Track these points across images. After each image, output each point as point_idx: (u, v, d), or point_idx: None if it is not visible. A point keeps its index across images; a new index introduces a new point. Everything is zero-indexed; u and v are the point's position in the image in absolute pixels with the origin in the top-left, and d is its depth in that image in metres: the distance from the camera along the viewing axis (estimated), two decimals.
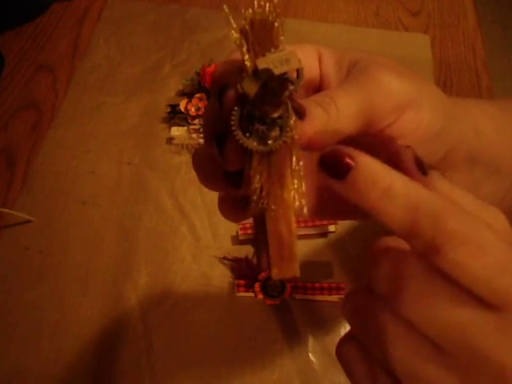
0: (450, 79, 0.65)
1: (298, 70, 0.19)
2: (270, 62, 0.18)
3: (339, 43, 0.66)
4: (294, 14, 0.70)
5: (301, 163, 0.19)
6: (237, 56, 0.19)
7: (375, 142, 0.22)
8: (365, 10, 0.72)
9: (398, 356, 0.18)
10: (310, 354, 0.44)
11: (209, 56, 0.62)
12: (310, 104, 0.21)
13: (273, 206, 0.19)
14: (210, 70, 0.56)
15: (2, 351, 0.43)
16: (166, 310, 0.46)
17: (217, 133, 0.20)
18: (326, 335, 0.45)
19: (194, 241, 0.50)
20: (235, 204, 0.23)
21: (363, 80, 0.22)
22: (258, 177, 0.19)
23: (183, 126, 0.55)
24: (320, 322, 0.45)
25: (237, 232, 0.49)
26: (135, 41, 0.65)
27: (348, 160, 0.19)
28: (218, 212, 0.24)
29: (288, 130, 0.19)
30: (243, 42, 0.18)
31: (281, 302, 0.46)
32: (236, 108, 0.18)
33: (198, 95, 0.55)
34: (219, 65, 0.22)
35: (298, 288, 0.46)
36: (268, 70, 0.18)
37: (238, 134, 0.18)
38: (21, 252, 0.48)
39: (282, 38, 0.19)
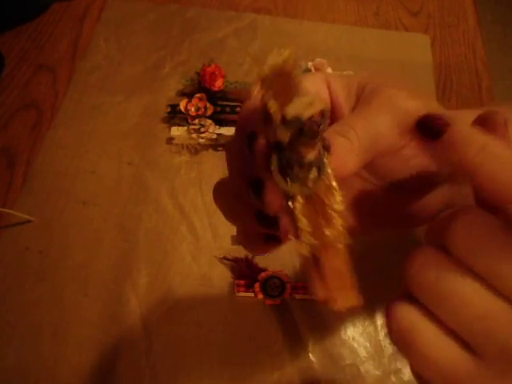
0: (450, 79, 0.65)
1: (322, 111, 0.19)
2: (298, 108, 0.18)
3: (339, 43, 0.67)
4: (294, 14, 0.70)
5: (340, 198, 0.20)
6: (256, 100, 0.20)
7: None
8: (365, 10, 0.72)
9: (476, 315, 0.18)
10: (309, 354, 0.44)
11: (209, 56, 0.61)
12: (331, 135, 0.21)
13: (323, 244, 0.20)
14: (210, 69, 0.56)
15: (2, 351, 0.43)
16: (165, 310, 0.46)
17: (252, 179, 0.21)
18: (326, 335, 0.45)
19: (194, 241, 0.50)
20: (260, 238, 0.24)
21: (377, 103, 0.23)
22: (304, 220, 0.19)
23: (183, 126, 0.55)
24: (320, 322, 0.45)
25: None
26: (135, 41, 0.65)
27: (444, 120, 0.20)
28: (218, 212, 0.25)
29: (325, 168, 0.19)
30: (267, 91, 0.18)
31: (281, 302, 0.46)
32: (274, 156, 0.19)
33: (197, 95, 0.55)
34: (242, 109, 0.22)
35: (298, 288, 0.46)
36: (297, 117, 0.18)
37: (281, 181, 0.19)
38: (21, 252, 0.48)
39: (299, 80, 0.19)
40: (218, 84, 0.56)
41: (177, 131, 0.55)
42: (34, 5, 0.67)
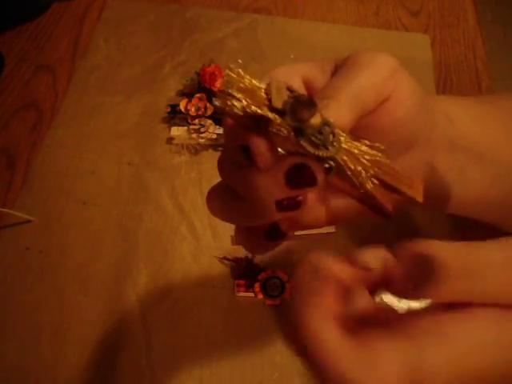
0: (450, 79, 0.65)
1: (288, 87, 0.21)
2: (276, 97, 0.20)
3: (339, 43, 0.66)
4: (293, 14, 0.70)
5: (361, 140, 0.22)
6: (230, 122, 0.22)
7: None
8: (365, 10, 0.72)
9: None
10: None
11: (209, 56, 0.61)
12: (318, 102, 0.22)
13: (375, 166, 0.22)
14: (210, 69, 0.56)
15: (2, 351, 0.43)
16: (165, 310, 0.46)
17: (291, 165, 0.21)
18: None
19: (194, 241, 0.50)
20: (260, 235, 0.25)
21: (352, 63, 0.24)
22: (357, 164, 0.21)
23: (183, 126, 0.55)
24: None
25: None
26: (135, 41, 0.65)
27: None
28: None
29: (333, 126, 0.21)
30: (248, 101, 0.20)
31: (281, 302, 0.46)
32: (301, 140, 0.20)
33: (197, 95, 0.55)
34: (226, 128, 0.23)
35: None
36: (285, 102, 0.20)
37: (320, 151, 0.21)
38: (21, 252, 0.48)
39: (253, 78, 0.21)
40: (218, 84, 0.56)
41: (177, 131, 0.55)
42: (34, 5, 0.67)
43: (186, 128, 0.55)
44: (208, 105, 0.55)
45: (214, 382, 0.43)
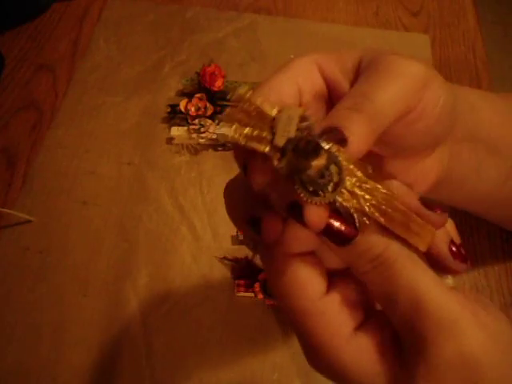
0: (449, 79, 0.65)
1: (302, 116, 0.19)
2: (282, 132, 0.18)
3: (339, 43, 0.66)
4: (293, 14, 0.70)
5: (366, 170, 0.19)
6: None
7: None
8: (365, 10, 0.72)
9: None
10: None
11: (209, 56, 0.61)
12: (344, 113, 0.20)
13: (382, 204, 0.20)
14: (210, 69, 0.56)
15: (2, 351, 0.43)
16: (166, 311, 0.46)
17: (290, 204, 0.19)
18: None
19: (193, 241, 0.50)
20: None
21: (383, 69, 0.22)
22: (362, 201, 0.19)
23: (183, 126, 0.55)
24: None
25: (237, 232, 0.49)
26: (135, 41, 0.65)
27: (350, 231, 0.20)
28: (218, 212, 0.25)
29: (340, 161, 0.19)
30: (249, 134, 0.19)
31: None
32: (296, 184, 0.18)
33: (197, 95, 0.55)
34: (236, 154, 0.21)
35: None
36: (288, 140, 0.18)
37: (316, 199, 0.18)
38: (21, 252, 0.48)
39: (264, 101, 0.19)
40: (218, 84, 0.56)
41: (177, 131, 0.55)
42: (34, 5, 0.67)
43: (185, 128, 0.55)
44: (208, 105, 0.55)
45: (214, 383, 0.43)
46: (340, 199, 0.19)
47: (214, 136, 0.54)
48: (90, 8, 0.69)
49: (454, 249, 0.21)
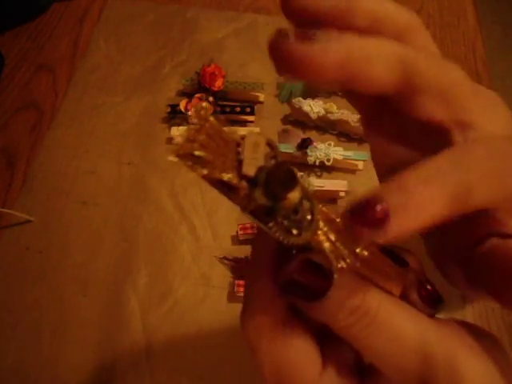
0: None
1: (268, 143, 0.17)
2: (250, 160, 0.16)
3: None
4: None
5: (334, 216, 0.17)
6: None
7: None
8: None
9: None
10: None
11: (209, 56, 0.61)
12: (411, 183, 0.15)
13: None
14: (210, 69, 0.56)
15: (2, 351, 0.43)
16: (165, 311, 0.46)
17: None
18: None
19: (193, 241, 0.50)
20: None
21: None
22: (338, 249, 0.17)
23: (183, 125, 0.55)
24: None
25: (237, 232, 0.49)
26: (135, 41, 0.65)
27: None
28: (218, 212, 0.25)
29: (313, 200, 0.16)
30: (211, 162, 0.16)
31: None
32: (270, 223, 0.16)
33: (197, 95, 0.55)
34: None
35: None
36: (259, 168, 0.16)
37: (292, 238, 0.16)
38: (21, 252, 0.48)
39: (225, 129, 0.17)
40: (218, 84, 0.56)
41: (177, 131, 0.55)
42: (34, 5, 0.67)
43: (185, 128, 0.55)
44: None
45: (214, 382, 0.43)
46: (317, 238, 0.16)
47: None
48: (90, 8, 0.69)
49: (423, 293, 0.18)
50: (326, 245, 0.16)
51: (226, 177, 0.16)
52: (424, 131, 0.17)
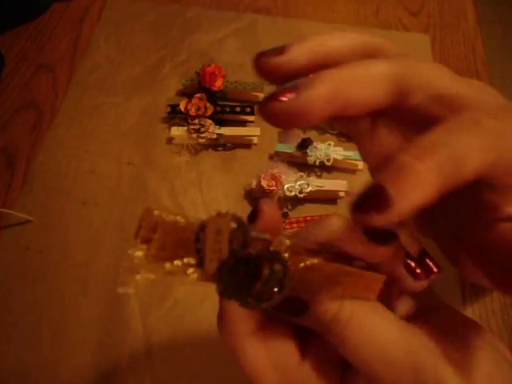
0: None
1: (235, 221, 0.16)
2: (212, 254, 0.15)
3: None
4: (293, 14, 0.70)
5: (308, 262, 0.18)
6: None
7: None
8: (365, 10, 0.72)
9: None
10: None
11: (209, 56, 0.62)
12: (405, 160, 0.16)
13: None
14: (210, 69, 0.56)
15: (2, 351, 0.43)
16: (166, 310, 0.46)
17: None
18: None
19: None
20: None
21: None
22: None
23: (183, 125, 0.55)
24: None
25: None
26: (135, 41, 0.65)
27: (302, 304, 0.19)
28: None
29: (283, 258, 0.16)
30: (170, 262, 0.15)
31: None
32: (239, 302, 0.17)
33: (197, 95, 0.55)
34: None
35: None
36: (220, 267, 0.16)
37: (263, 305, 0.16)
38: (21, 252, 0.48)
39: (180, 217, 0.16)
40: (218, 84, 0.56)
41: (177, 131, 0.55)
42: (34, 5, 0.67)
43: (185, 128, 0.55)
44: (208, 105, 0.55)
45: (215, 382, 0.43)
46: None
47: (214, 136, 0.54)
48: (90, 8, 0.69)
49: (412, 264, 0.19)
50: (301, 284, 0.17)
51: (188, 277, 0.16)
52: (421, 132, 0.17)
